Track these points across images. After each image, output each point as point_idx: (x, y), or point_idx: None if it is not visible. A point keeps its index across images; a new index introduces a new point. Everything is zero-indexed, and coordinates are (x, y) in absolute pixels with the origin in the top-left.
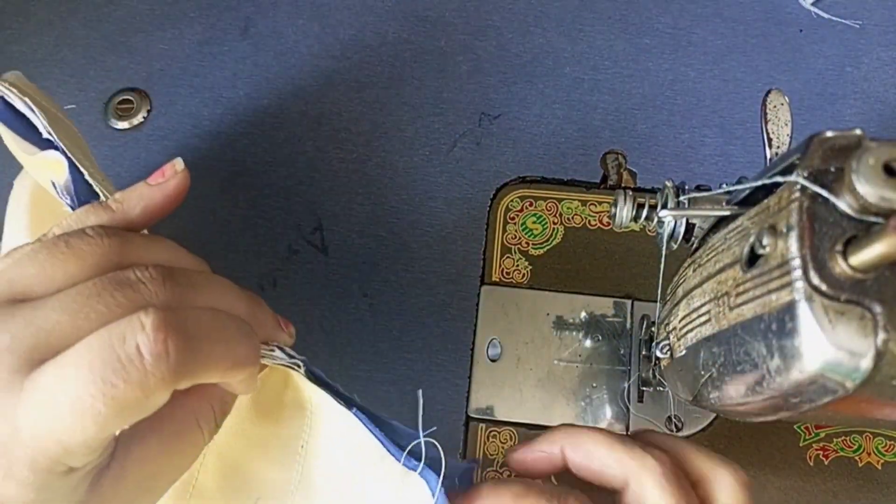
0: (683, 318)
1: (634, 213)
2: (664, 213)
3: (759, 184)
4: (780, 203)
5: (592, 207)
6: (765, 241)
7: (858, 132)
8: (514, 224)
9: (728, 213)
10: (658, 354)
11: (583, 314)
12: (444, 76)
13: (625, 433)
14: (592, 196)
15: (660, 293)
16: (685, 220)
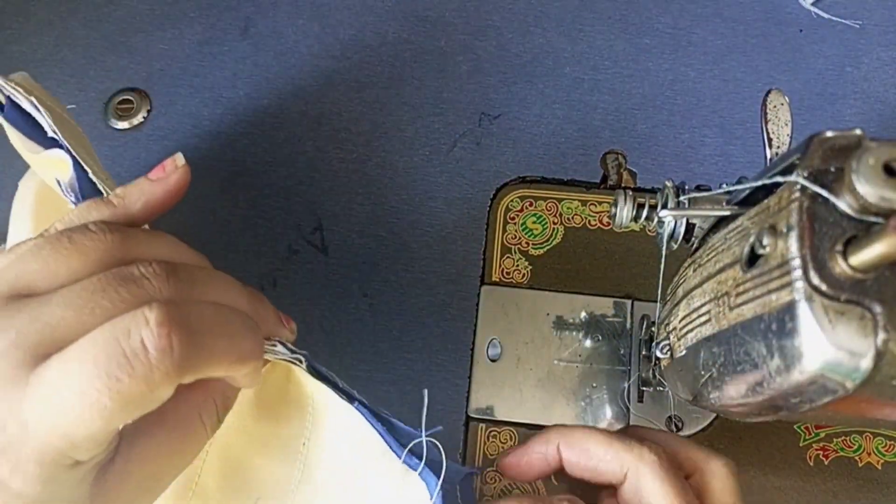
0: (683, 318)
1: (634, 213)
2: (664, 213)
3: (759, 184)
4: (780, 203)
5: (592, 207)
6: (765, 241)
7: (858, 132)
8: (514, 224)
9: (728, 213)
10: (658, 354)
11: (583, 314)
12: (444, 76)
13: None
14: (592, 196)
15: (660, 293)
16: (685, 220)
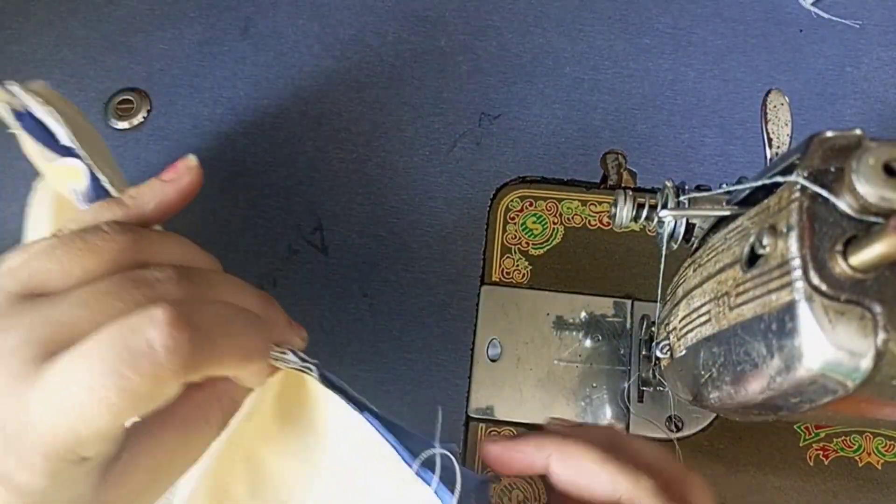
0: (683, 318)
1: (634, 213)
2: (664, 213)
3: (759, 184)
4: (780, 203)
5: (592, 207)
6: (765, 241)
7: (858, 132)
8: (514, 224)
9: (728, 213)
10: (658, 354)
11: (583, 314)
12: (444, 76)
13: (625, 433)
14: (592, 196)
15: (660, 293)
16: (685, 220)
